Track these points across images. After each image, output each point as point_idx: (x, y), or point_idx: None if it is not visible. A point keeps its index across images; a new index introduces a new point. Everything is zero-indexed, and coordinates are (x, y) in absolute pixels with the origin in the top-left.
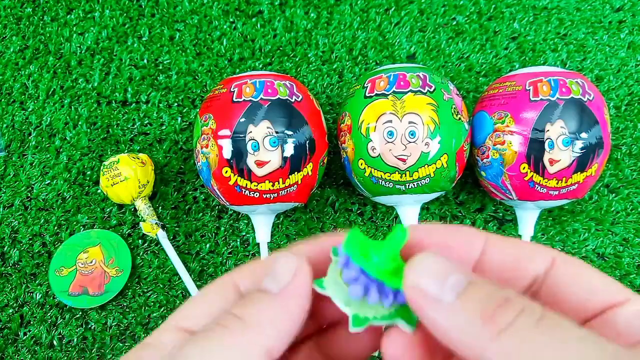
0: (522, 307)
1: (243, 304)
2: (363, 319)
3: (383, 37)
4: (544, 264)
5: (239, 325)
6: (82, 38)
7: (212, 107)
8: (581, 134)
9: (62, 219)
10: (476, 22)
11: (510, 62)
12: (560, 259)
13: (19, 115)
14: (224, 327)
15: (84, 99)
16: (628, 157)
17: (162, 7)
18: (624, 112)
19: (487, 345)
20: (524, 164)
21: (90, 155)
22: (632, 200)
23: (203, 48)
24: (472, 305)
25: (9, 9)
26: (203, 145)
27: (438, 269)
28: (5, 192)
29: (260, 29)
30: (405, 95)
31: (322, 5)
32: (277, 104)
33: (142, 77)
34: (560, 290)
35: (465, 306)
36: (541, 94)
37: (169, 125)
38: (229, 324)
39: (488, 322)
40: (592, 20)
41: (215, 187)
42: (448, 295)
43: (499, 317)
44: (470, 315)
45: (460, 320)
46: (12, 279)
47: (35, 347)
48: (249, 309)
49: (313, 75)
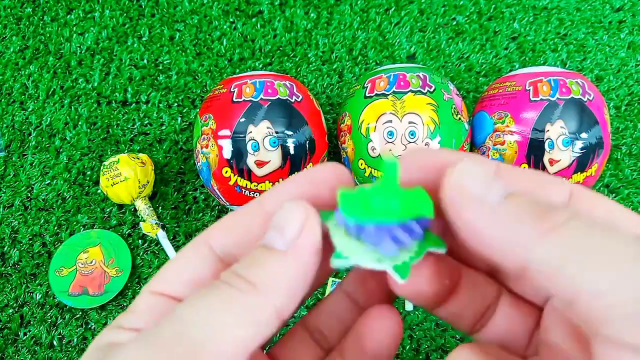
0: (572, 214)
1: (249, 264)
2: (403, 266)
3: (383, 37)
4: (561, 197)
5: (247, 287)
6: (82, 38)
7: (212, 107)
8: (581, 134)
9: (62, 219)
10: (476, 22)
11: (510, 62)
12: (578, 191)
13: (19, 115)
14: (231, 286)
15: (84, 99)
16: (628, 157)
17: (162, 7)
18: (624, 112)
19: (534, 244)
20: (524, 164)
21: (90, 155)
22: (632, 200)
23: (203, 48)
24: (520, 206)
25: (9, 9)
26: (203, 145)
27: (482, 171)
28: (5, 192)
29: (260, 29)
30: (405, 95)
31: (322, 5)
32: (277, 104)
33: (142, 77)
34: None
35: (513, 207)
36: (541, 94)
37: (169, 125)
38: (235, 283)
39: (538, 220)
40: (592, 20)
41: (215, 187)
42: (495, 196)
43: (549, 217)
44: (518, 215)
45: (505, 220)
46: (12, 279)
47: (35, 347)
48: (256, 270)
49: (313, 75)
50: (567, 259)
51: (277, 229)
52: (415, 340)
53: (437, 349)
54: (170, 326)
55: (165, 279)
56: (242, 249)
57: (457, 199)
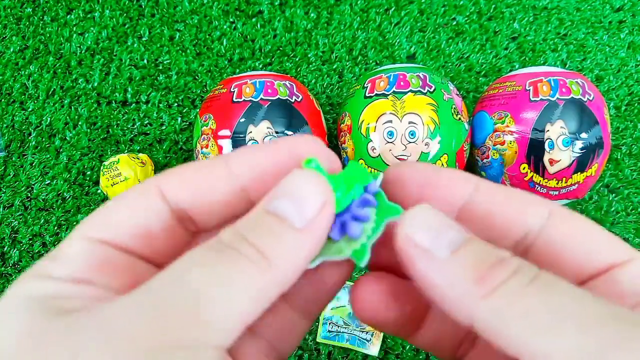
0: (516, 268)
1: (258, 231)
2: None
3: (383, 37)
4: (539, 218)
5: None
6: (82, 38)
7: (212, 107)
8: (581, 134)
9: (62, 219)
10: (476, 22)
11: (510, 62)
12: (558, 212)
13: (19, 115)
14: (240, 253)
15: (84, 99)
16: (628, 157)
17: (162, 7)
18: (624, 112)
19: (476, 304)
20: (524, 164)
21: (90, 155)
22: (632, 200)
23: (203, 48)
24: (465, 263)
25: (9, 9)
26: (203, 145)
27: (434, 222)
28: (5, 192)
29: (260, 29)
30: (405, 95)
31: (322, 5)
32: (277, 104)
33: (142, 77)
34: (557, 248)
35: (458, 264)
36: (541, 94)
37: (169, 125)
38: (246, 251)
39: (480, 281)
40: (592, 20)
41: None
42: (442, 251)
43: (491, 276)
44: (462, 273)
45: (451, 277)
46: (12, 279)
47: None
48: (270, 242)
49: (313, 75)
50: (505, 322)
51: (293, 199)
52: None
53: None
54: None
55: (106, 224)
56: (200, 206)
57: (408, 252)
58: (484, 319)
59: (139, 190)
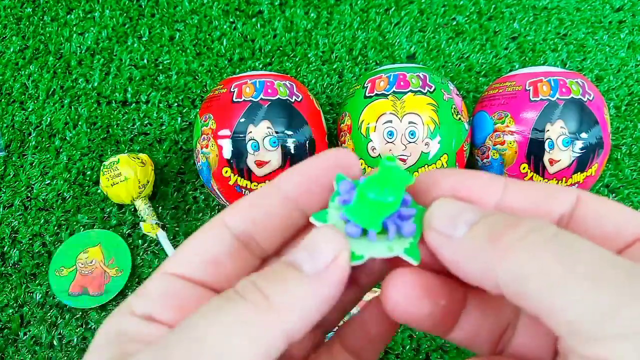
0: (533, 226)
1: (269, 278)
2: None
3: (383, 37)
4: (569, 202)
5: (262, 303)
6: (82, 38)
7: (212, 107)
8: (581, 134)
9: (62, 219)
10: (476, 22)
11: (510, 62)
12: (585, 196)
13: (19, 115)
14: (245, 299)
15: (84, 99)
16: (628, 157)
17: (162, 7)
18: (624, 112)
19: (498, 266)
20: (524, 164)
21: (90, 155)
22: (632, 200)
23: (203, 48)
24: (481, 231)
25: (9, 9)
26: (203, 145)
27: (452, 209)
28: (5, 192)
29: (260, 29)
30: (405, 95)
31: (322, 5)
32: (277, 104)
33: (142, 77)
34: (589, 227)
35: (475, 234)
36: (541, 94)
37: (169, 125)
38: (251, 297)
39: (495, 241)
40: (592, 20)
41: (215, 187)
42: (460, 231)
43: (506, 234)
44: (479, 242)
45: (471, 250)
46: (12, 279)
47: (35, 347)
48: (274, 285)
49: (313, 75)
50: (524, 279)
51: (308, 250)
52: (415, 340)
53: (437, 349)
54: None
55: (179, 260)
56: (260, 227)
57: (433, 242)
58: (505, 281)
59: (207, 226)
